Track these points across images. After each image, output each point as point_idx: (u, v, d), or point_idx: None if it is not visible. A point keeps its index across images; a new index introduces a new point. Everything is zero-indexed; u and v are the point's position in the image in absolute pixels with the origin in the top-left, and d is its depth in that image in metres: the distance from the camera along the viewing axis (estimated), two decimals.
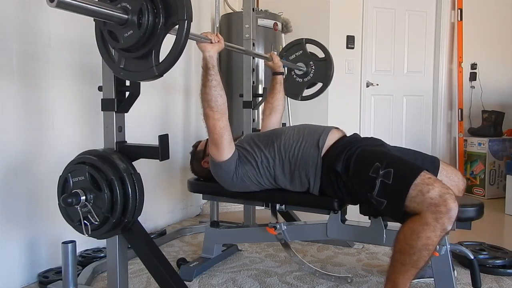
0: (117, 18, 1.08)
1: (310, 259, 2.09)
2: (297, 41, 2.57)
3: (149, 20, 1.07)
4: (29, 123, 1.78)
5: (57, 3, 0.90)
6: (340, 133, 1.64)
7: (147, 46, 1.10)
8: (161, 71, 1.10)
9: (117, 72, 1.21)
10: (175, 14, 1.06)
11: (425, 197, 1.22)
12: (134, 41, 1.09)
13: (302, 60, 2.52)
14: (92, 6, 1.02)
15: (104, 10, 1.05)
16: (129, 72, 1.18)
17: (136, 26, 1.08)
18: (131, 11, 1.08)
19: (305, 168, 1.55)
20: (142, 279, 1.82)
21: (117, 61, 1.20)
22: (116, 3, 1.11)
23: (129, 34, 1.10)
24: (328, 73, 2.48)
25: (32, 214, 1.80)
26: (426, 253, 1.22)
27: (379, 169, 1.34)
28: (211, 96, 1.50)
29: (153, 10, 1.07)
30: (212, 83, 1.50)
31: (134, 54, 1.13)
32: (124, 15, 1.08)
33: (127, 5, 1.09)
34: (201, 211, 3.09)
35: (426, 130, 4.04)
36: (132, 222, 1.36)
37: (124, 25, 1.10)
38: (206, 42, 1.51)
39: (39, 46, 1.82)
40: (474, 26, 3.91)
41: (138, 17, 1.07)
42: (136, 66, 1.16)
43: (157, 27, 1.07)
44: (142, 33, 1.07)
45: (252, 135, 1.77)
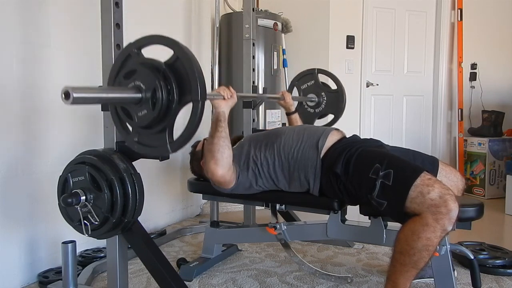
0: (131, 99, 1.08)
1: (310, 259, 2.09)
2: (309, 71, 2.53)
3: (163, 98, 1.06)
4: (29, 123, 1.78)
5: (73, 99, 0.91)
6: (339, 134, 1.64)
7: (161, 124, 1.09)
8: (175, 149, 1.10)
9: (132, 145, 1.20)
10: (189, 93, 1.05)
11: (426, 198, 1.22)
12: (149, 121, 1.09)
13: (313, 91, 2.50)
14: (107, 94, 1.04)
15: (118, 95, 1.06)
16: (143, 146, 1.17)
17: (150, 106, 1.07)
18: (144, 90, 1.07)
19: (304, 169, 1.55)
20: (142, 279, 1.82)
21: (132, 134, 1.19)
22: (130, 81, 1.11)
23: (143, 114, 1.09)
24: (340, 106, 2.44)
25: (32, 214, 1.80)
26: (426, 254, 1.22)
27: (379, 170, 1.34)
28: (218, 146, 1.49)
29: (167, 88, 1.06)
30: (221, 134, 1.50)
31: (148, 131, 1.13)
32: (138, 94, 1.08)
33: (141, 84, 1.08)
34: (201, 211, 3.09)
35: (426, 130, 4.05)
36: (132, 222, 1.36)
37: (138, 104, 1.09)
38: (219, 99, 1.51)
39: (39, 46, 1.82)
40: (474, 26, 3.91)
41: (152, 96, 1.06)
42: (150, 141, 1.15)
43: (171, 105, 1.07)
44: (156, 113, 1.06)
45: (252, 136, 1.76)
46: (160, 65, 1.08)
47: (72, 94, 0.91)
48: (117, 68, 1.18)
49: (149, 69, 1.08)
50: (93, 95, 1.00)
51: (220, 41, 3.33)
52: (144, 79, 1.08)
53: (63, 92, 0.91)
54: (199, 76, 1.04)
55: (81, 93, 0.94)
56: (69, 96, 0.91)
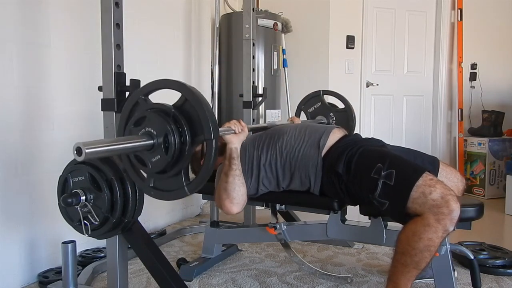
0: (144, 146, 1.07)
1: (310, 259, 2.09)
2: (315, 93, 2.52)
3: (176, 142, 1.06)
4: (29, 123, 1.78)
5: (86, 155, 0.90)
6: (341, 132, 1.64)
7: (176, 167, 1.09)
8: (192, 191, 1.09)
9: (148, 191, 1.19)
10: (201, 133, 1.05)
11: (427, 199, 1.22)
12: (163, 166, 1.08)
13: (321, 112, 2.49)
14: (118, 146, 1.03)
15: (131, 145, 1.05)
16: (159, 191, 1.16)
17: (163, 151, 1.07)
18: (156, 135, 1.07)
19: (305, 168, 1.55)
20: (142, 279, 1.82)
21: (147, 180, 1.18)
22: (140, 128, 1.10)
23: (156, 159, 1.09)
24: (350, 124, 2.43)
25: (32, 214, 1.80)
26: (427, 254, 1.22)
27: (381, 170, 1.34)
28: (234, 185, 1.48)
29: (178, 130, 1.06)
30: (236, 172, 1.49)
31: (163, 176, 1.12)
32: (149, 141, 1.07)
33: (152, 130, 1.08)
34: (201, 211, 3.09)
35: (426, 130, 4.04)
36: (132, 222, 1.36)
37: (151, 150, 1.08)
38: (230, 133, 1.50)
39: (39, 46, 1.82)
40: (474, 26, 3.91)
41: (164, 141, 1.06)
42: (166, 185, 1.15)
43: (184, 148, 1.07)
44: (170, 158, 1.06)
45: (255, 136, 1.75)
46: (169, 109, 1.08)
47: (84, 150, 0.90)
48: (126, 117, 1.17)
49: (159, 114, 1.08)
50: (105, 148, 0.99)
51: (220, 41, 3.33)
52: (154, 124, 1.08)
53: (75, 148, 0.90)
54: (210, 116, 1.04)
55: (93, 148, 0.93)
56: (81, 152, 0.90)
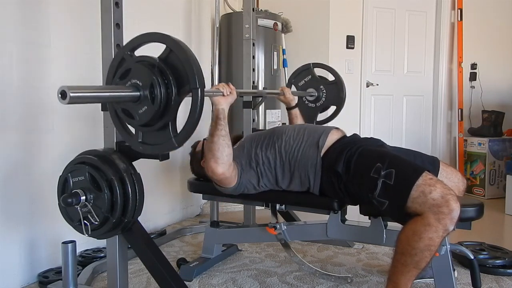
0: (130, 97, 1.08)
1: (310, 259, 2.09)
2: (305, 66, 2.52)
3: (162, 93, 1.06)
4: (29, 123, 1.78)
5: (70, 99, 0.90)
6: (340, 133, 1.64)
7: (163, 119, 1.09)
8: (180, 142, 1.09)
9: (136, 146, 1.19)
10: (186, 83, 1.05)
11: (427, 198, 1.22)
12: (150, 117, 1.08)
13: (312, 85, 2.48)
14: (103, 93, 1.03)
15: (116, 94, 1.05)
16: (148, 145, 1.16)
17: (150, 101, 1.07)
18: (142, 87, 1.07)
19: (305, 168, 1.55)
20: (142, 279, 1.82)
21: (135, 135, 1.19)
22: (126, 81, 1.10)
23: (143, 110, 1.09)
24: (341, 95, 2.43)
25: (32, 214, 1.80)
26: (428, 254, 1.22)
27: (380, 169, 1.34)
28: (218, 145, 1.49)
29: (164, 81, 1.06)
30: (221, 132, 1.50)
31: (151, 128, 1.12)
32: (136, 92, 1.07)
33: (137, 81, 1.08)
34: (201, 211, 3.09)
35: (426, 130, 4.04)
36: (132, 222, 1.36)
37: (138, 102, 1.09)
38: (219, 95, 1.51)
39: (39, 46, 1.82)
40: (474, 26, 3.91)
41: (151, 92, 1.06)
42: (154, 139, 1.15)
43: (171, 98, 1.06)
44: (157, 108, 1.06)
45: (253, 136, 1.76)
46: (154, 60, 1.08)
47: (68, 93, 0.90)
48: (112, 73, 1.17)
49: (144, 66, 1.08)
50: (90, 94, 0.99)
51: (220, 41, 3.33)
52: (140, 76, 1.08)
53: (59, 91, 0.91)
54: (194, 64, 1.04)
55: (77, 93, 0.93)
56: (66, 96, 0.90)
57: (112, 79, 1.17)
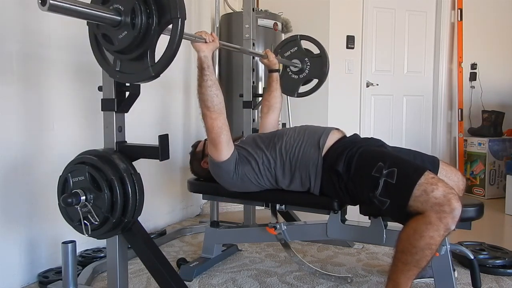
0: (110, 20, 1.08)
1: (310, 259, 2.09)
2: (292, 37, 2.52)
3: (143, 20, 1.06)
4: (29, 123, 1.78)
5: (49, 6, 0.89)
6: (340, 133, 1.64)
7: (142, 46, 1.09)
8: (157, 71, 1.09)
9: (113, 75, 1.20)
10: (168, 13, 1.05)
11: (429, 197, 1.22)
12: (129, 42, 1.08)
13: (297, 57, 2.48)
14: (84, 9, 1.01)
15: (96, 12, 1.05)
16: (125, 74, 1.17)
17: (130, 27, 1.07)
18: (123, 12, 1.07)
19: (305, 168, 1.55)
20: (142, 279, 1.82)
21: (113, 64, 1.20)
22: (108, 5, 1.10)
23: (123, 36, 1.09)
24: (324, 69, 2.44)
25: (32, 214, 1.80)
26: (428, 253, 1.22)
27: (382, 168, 1.34)
28: (207, 96, 1.50)
29: (146, 10, 1.07)
30: (207, 83, 1.50)
31: (129, 56, 1.13)
32: (117, 17, 1.08)
33: (119, 6, 1.08)
34: (201, 211, 3.09)
35: (426, 130, 4.04)
36: (132, 222, 1.35)
37: (118, 27, 1.09)
38: (200, 42, 1.50)
39: (39, 46, 1.82)
40: (474, 26, 3.91)
41: (131, 18, 1.07)
42: (131, 68, 1.15)
43: (151, 27, 1.07)
44: (136, 33, 1.07)
45: (254, 136, 1.76)
46: None
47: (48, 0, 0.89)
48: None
49: None
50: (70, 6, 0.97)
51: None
52: (122, 1, 1.08)
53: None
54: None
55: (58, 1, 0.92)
56: (46, 2, 0.89)
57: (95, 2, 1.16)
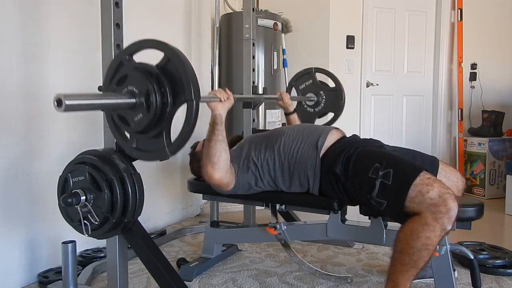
0: (125, 104, 1.08)
1: (310, 259, 2.09)
2: (306, 70, 2.52)
3: (158, 101, 1.06)
4: (29, 123, 1.78)
5: (65, 107, 0.90)
6: (339, 133, 1.64)
7: (157, 127, 1.10)
8: (173, 151, 1.10)
9: (131, 151, 1.20)
10: (182, 93, 1.05)
11: (425, 198, 1.23)
12: (145, 125, 1.09)
13: (312, 90, 2.48)
14: (100, 101, 1.03)
15: (112, 101, 1.06)
16: (142, 152, 1.18)
17: (145, 109, 1.07)
18: (138, 94, 1.08)
19: (304, 169, 1.55)
20: (142, 279, 1.82)
21: (130, 140, 1.20)
22: (123, 87, 1.11)
23: (139, 118, 1.10)
24: (340, 103, 2.43)
25: (32, 214, 1.80)
26: (425, 253, 1.22)
27: (378, 170, 1.34)
28: (215, 150, 1.49)
29: (160, 90, 1.07)
30: (218, 137, 1.50)
31: (146, 136, 1.13)
32: (132, 100, 1.08)
33: (134, 88, 1.08)
34: (201, 211, 3.09)
35: (426, 130, 4.05)
36: (132, 222, 1.35)
37: (133, 109, 1.09)
38: (215, 101, 1.51)
39: (39, 46, 1.82)
40: (474, 26, 3.91)
41: (146, 99, 1.07)
42: (148, 146, 1.16)
43: (166, 108, 1.07)
44: (152, 115, 1.07)
45: (252, 138, 1.76)
46: (152, 68, 1.08)
47: (64, 101, 0.90)
48: (110, 76, 1.18)
49: (141, 73, 1.08)
50: (85, 102, 0.99)
51: (220, 41, 3.33)
52: (137, 83, 1.08)
53: (55, 99, 0.90)
54: (191, 76, 1.04)
55: (73, 101, 0.93)
56: (61, 104, 0.90)
57: (109, 84, 1.17)
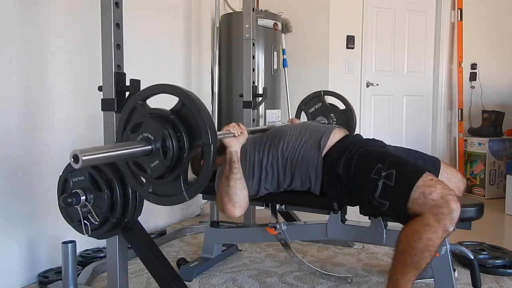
0: (141, 152, 1.06)
1: (310, 259, 2.09)
2: (315, 93, 2.50)
3: (174, 147, 1.05)
4: (29, 123, 1.78)
5: (82, 162, 0.90)
6: (342, 132, 1.64)
7: (174, 172, 1.08)
8: (191, 196, 1.09)
9: (147, 196, 1.18)
10: (199, 138, 1.04)
11: (427, 199, 1.22)
12: (162, 171, 1.07)
13: (322, 113, 2.46)
14: (116, 152, 1.01)
15: (129, 151, 1.04)
16: (158, 196, 1.15)
17: (162, 156, 1.06)
18: (154, 140, 1.06)
19: (306, 168, 1.54)
20: (142, 279, 1.82)
21: (146, 185, 1.17)
22: (138, 134, 1.09)
23: (155, 164, 1.08)
24: (351, 125, 2.40)
25: (32, 214, 1.80)
26: (427, 254, 1.22)
27: (381, 170, 1.34)
28: (235, 189, 1.47)
29: (176, 135, 1.05)
30: (237, 176, 1.48)
31: (163, 180, 1.11)
32: (148, 147, 1.06)
33: (149, 135, 1.07)
34: (201, 211, 3.09)
35: (426, 130, 4.04)
36: (132, 222, 1.36)
37: (150, 156, 1.08)
38: (230, 137, 1.50)
39: (39, 46, 1.82)
40: (474, 26, 3.91)
41: (163, 145, 1.05)
42: (165, 191, 1.14)
43: (183, 153, 1.06)
44: (169, 162, 1.05)
45: (253, 139, 1.74)
46: (167, 113, 1.07)
47: (80, 157, 0.89)
48: (124, 123, 1.16)
49: (156, 119, 1.07)
50: (102, 155, 0.97)
51: (220, 41, 3.33)
52: (152, 130, 1.07)
53: (72, 156, 0.90)
54: (207, 120, 1.03)
55: (89, 156, 0.92)
56: (78, 160, 0.89)
57: (123, 131, 1.16)
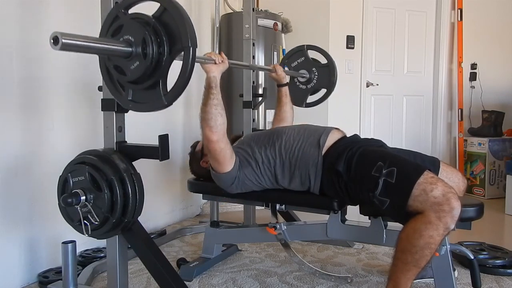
0: (121, 52, 1.08)
1: (310, 259, 2.09)
2: (299, 48, 2.52)
3: (154, 50, 1.06)
4: (29, 123, 1.78)
5: (62, 45, 0.90)
6: (340, 133, 1.64)
7: (154, 76, 1.09)
8: (170, 101, 1.09)
9: (126, 104, 1.19)
10: (179, 41, 1.05)
11: (429, 196, 1.23)
12: (141, 73, 1.08)
13: (304, 67, 2.48)
14: (96, 44, 1.03)
15: (108, 46, 1.05)
16: (137, 103, 1.17)
17: (142, 57, 1.07)
18: (134, 43, 1.08)
19: (305, 167, 1.55)
20: (142, 279, 1.82)
21: (125, 93, 1.19)
22: (119, 37, 1.10)
23: (135, 66, 1.09)
24: (332, 79, 2.44)
25: (32, 214, 1.80)
26: (428, 252, 1.22)
27: (382, 168, 1.34)
28: (211, 114, 1.49)
29: (157, 40, 1.07)
30: (213, 102, 1.50)
31: (142, 86, 1.13)
32: (128, 48, 1.08)
33: (130, 37, 1.08)
34: (201, 211, 3.09)
35: (426, 130, 4.04)
36: (132, 222, 1.35)
37: (129, 58, 1.09)
38: (210, 63, 1.51)
39: (38, 46, 1.81)
40: (474, 26, 3.91)
41: (143, 48, 1.07)
42: (144, 97, 1.15)
43: (162, 56, 1.07)
44: (148, 63, 1.06)
45: (253, 135, 1.76)
46: (148, 18, 1.08)
47: (61, 39, 0.89)
48: (106, 28, 1.17)
49: (138, 23, 1.08)
50: (82, 43, 0.98)
51: (220, 41, 3.32)
52: (133, 32, 1.08)
53: (52, 37, 0.90)
54: (188, 24, 1.04)
55: (70, 40, 0.92)
56: (58, 42, 0.89)
57: (105, 35, 1.16)
